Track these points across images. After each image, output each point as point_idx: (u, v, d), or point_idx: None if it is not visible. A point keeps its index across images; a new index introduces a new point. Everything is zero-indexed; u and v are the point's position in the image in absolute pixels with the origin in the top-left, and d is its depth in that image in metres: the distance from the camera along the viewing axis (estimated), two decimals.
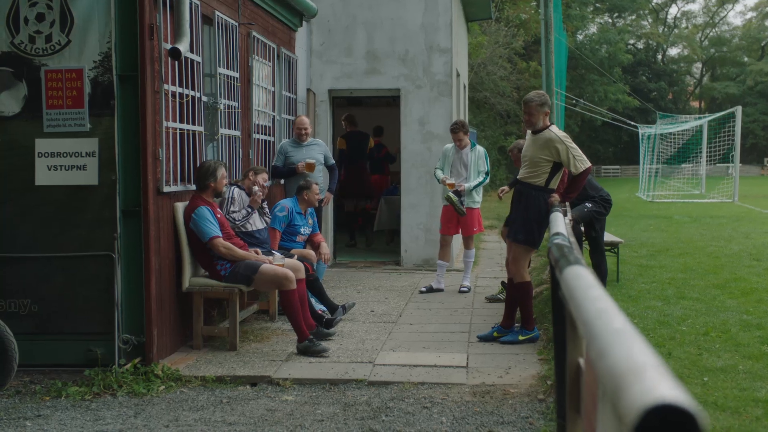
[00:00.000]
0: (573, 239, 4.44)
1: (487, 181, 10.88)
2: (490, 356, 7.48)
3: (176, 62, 7.37)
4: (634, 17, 77.98)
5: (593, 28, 68.13)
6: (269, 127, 10.67)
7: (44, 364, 7.11)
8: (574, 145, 7.57)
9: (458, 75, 15.08)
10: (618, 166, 68.57)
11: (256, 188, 8.45)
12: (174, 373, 6.90)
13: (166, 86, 7.22)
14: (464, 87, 17.51)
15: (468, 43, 20.62)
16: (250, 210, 8.37)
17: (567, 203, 8.04)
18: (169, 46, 7.09)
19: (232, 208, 8.31)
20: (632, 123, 34.98)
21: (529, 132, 7.80)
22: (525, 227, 7.76)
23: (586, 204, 9.12)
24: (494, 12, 21.85)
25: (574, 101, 40.23)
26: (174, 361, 7.27)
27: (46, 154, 7.04)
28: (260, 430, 5.71)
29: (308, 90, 12.73)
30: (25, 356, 6.83)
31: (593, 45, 61.97)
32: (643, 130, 34.06)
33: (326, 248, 9.46)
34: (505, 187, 10.09)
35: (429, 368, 7.05)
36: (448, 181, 10.53)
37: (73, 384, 6.69)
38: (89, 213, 7.03)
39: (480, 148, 10.97)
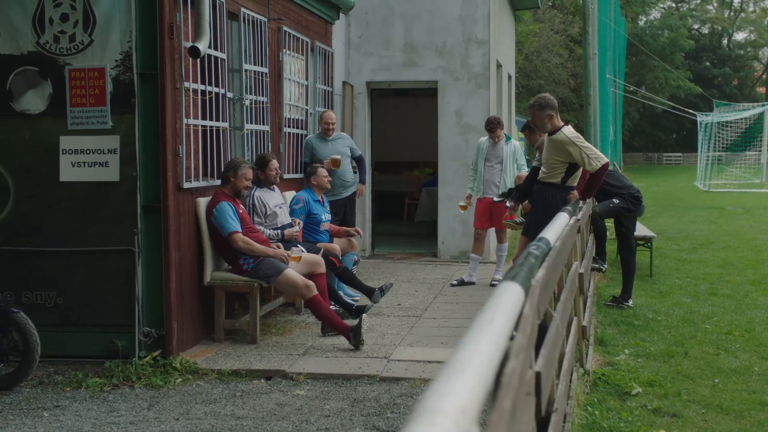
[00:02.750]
0: (559, 243, 4.43)
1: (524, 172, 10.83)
2: None
3: (200, 59, 7.49)
4: (698, 1, 76.49)
5: (656, 14, 67.03)
6: (302, 121, 10.77)
7: (69, 355, 7.32)
8: (586, 144, 7.53)
9: (500, 66, 15.02)
10: (680, 154, 67.33)
11: (295, 229, 8.50)
12: (192, 366, 7.05)
13: (187, 84, 7.35)
14: (509, 77, 17.41)
15: (518, 31, 20.49)
16: (280, 237, 8.41)
17: (590, 200, 8.00)
18: (189, 44, 7.21)
19: (257, 219, 8.39)
20: (690, 111, 34.40)
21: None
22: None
23: (613, 200, 9.06)
24: (541, 1, 21.62)
25: (632, 88, 39.68)
26: (194, 353, 7.42)
27: (70, 151, 7.23)
28: (266, 424, 5.81)
29: (344, 83, 12.80)
30: (50, 347, 7.06)
31: (654, 31, 60.94)
32: (701, 118, 33.47)
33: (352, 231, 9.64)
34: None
35: (442, 365, 7.06)
36: (460, 203, 10.97)
37: (94, 375, 6.88)
38: (111, 208, 7.21)
39: (515, 142, 10.98)
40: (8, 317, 6.61)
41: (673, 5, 73.61)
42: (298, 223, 8.66)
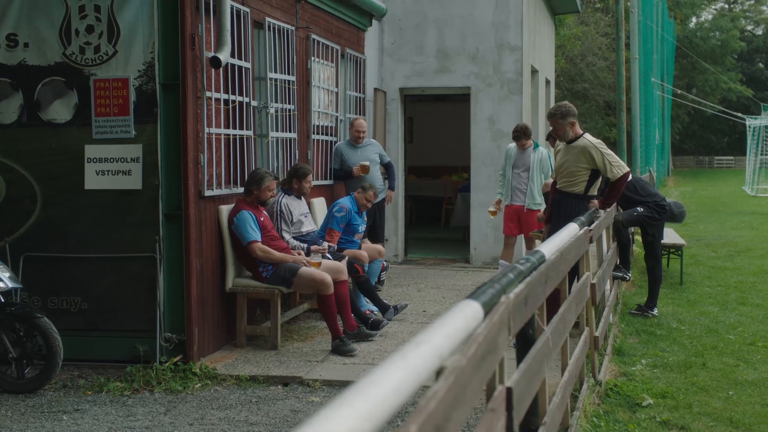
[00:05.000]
0: (555, 256, 4.44)
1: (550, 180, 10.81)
2: None
3: (223, 69, 7.61)
4: (752, 2, 75.27)
5: (707, 15, 66.08)
6: (331, 128, 10.85)
7: (93, 360, 7.47)
8: (609, 152, 7.53)
9: (536, 71, 14.98)
10: (732, 157, 66.36)
11: (325, 245, 8.52)
12: (211, 371, 7.15)
13: (210, 93, 7.47)
14: (546, 82, 17.34)
15: (561, 35, 20.36)
16: (306, 250, 8.40)
17: (612, 209, 7.96)
18: (211, 54, 7.33)
19: (283, 227, 8.45)
20: (738, 114, 33.89)
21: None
22: None
23: (638, 208, 9.01)
24: (582, 5, 21.47)
25: (679, 92, 39.14)
26: (214, 359, 7.53)
27: (95, 160, 7.39)
28: (279, 431, 5.89)
29: (376, 89, 12.85)
30: (75, 351, 7.23)
31: (705, 33, 60.11)
32: (750, 122, 32.96)
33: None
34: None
35: None
36: (490, 209, 10.99)
37: (115, 379, 7.02)
38: (134, 216, 7.36)
39: (543, 150, 10.93)
40: (32, 322, 6.78)
41: (726, 6, 72.55)
42: (328, 244, 8.64)
